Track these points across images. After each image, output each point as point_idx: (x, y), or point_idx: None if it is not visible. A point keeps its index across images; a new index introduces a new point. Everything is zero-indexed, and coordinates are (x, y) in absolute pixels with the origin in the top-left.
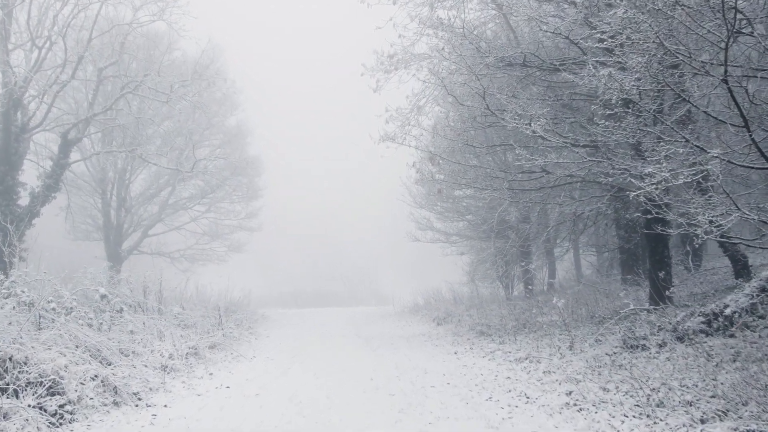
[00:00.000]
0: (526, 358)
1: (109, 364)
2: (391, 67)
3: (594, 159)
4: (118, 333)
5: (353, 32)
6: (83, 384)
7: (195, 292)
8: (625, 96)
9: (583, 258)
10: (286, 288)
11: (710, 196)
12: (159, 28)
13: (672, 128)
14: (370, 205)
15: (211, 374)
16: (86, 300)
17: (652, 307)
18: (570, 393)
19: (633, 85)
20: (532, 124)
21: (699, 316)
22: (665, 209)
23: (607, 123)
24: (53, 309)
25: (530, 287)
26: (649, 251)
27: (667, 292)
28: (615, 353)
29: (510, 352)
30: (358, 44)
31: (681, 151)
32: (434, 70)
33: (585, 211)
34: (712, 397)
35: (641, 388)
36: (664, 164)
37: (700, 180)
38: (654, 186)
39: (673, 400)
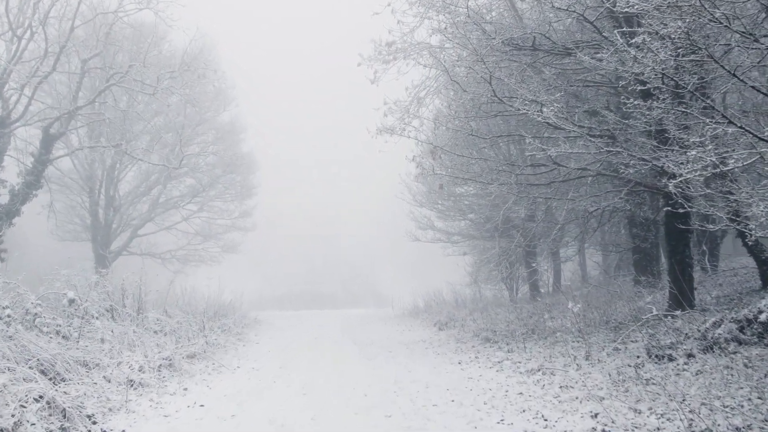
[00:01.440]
0: (539, 370)
1: (63, 381)
2: (390, 56)
3: (612, 149)
4: (89, 342)
5: (342, 22)
6: (24, 407)
7: (183, 294)
8: (661, 70)
9: (589, 258)
10: (281, 289)
11: (766, 184)
12: (147, 18)
13: (713, 107)
14: (368, 203)
15: (185, 389)
16: (60, 305)
17: (680, 312)
18: (596, 415)
19: (670, 56)
20: (545, 110)
21: (730, 322)
22: (703, 202)
23: (636, 102)
24: (8, 316)
25: (542, 290)
26: (669, 251)
27: (692, 296)
28: (638, 364)
29: (520, 362)
30: (348, 34)
31: (730, 131)
32: (436, 56)
33: (600, 207)
34: (765, 421)
35: (679, 409)
36: (710, 147)
37: (734, 170)
38: (698, 173)
39: (720, 426)
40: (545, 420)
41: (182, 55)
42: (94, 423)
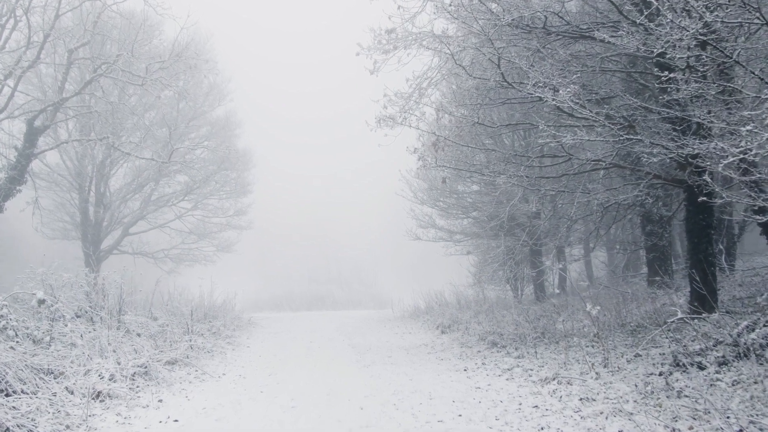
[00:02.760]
0: (554, 379)
1: (14, 393)
2: (390, 45)
3: (633, 137)
4: (61, 347)
5: (339, 5)
6: None
7: (172, 295)
8: (703, 36)
9: (594, 258)
10: (279, 290)
11: None
12: (137, 7)
13: (762, 78)
14: (368, 202)
15: (160, 401)
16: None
17: (708, 315)
18: None
19: (716, 19)
20: (561, 92)
21: (765, 326)
22: (747, 190)
23: (672, 75)
24: None
25: (557, 290)
26: (690, 248)
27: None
28: (665, 373)
29: (532, 370)
30: (345, 17)
31: None
32: (441, 40)
33: (617, 202)
34: None
35: (723, 428)
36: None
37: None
38: (753, 152)
39: None
40: None
41: (173, 44)
42: None
